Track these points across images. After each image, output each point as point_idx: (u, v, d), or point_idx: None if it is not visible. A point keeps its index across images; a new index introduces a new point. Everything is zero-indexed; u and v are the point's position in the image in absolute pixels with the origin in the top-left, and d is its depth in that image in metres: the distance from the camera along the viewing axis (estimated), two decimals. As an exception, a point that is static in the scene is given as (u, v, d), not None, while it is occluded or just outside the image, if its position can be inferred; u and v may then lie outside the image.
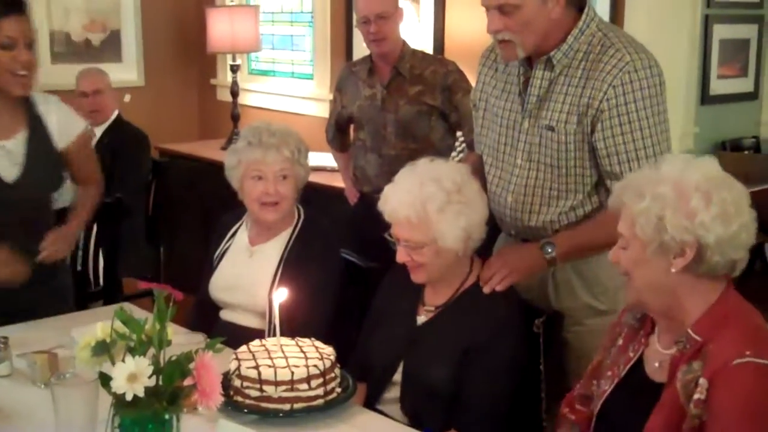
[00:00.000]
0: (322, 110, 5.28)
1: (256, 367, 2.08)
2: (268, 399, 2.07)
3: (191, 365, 1.69)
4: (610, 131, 2.24)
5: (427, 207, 2.20)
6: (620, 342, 1.96)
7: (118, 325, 1.73)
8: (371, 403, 2.35)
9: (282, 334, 2.19)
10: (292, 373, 2.06)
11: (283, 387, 2.06)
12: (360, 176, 3.69)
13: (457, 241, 2.24)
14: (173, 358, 1.69)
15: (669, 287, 1.78)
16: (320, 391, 2.09)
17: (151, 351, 1.69)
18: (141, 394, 1.62)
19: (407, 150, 3.49)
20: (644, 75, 2.23)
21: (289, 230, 2.76)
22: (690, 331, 1.76)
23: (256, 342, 2.21)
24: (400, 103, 3.54)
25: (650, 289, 1.81)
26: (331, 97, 5.36)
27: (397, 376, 2.34)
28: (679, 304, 1.79)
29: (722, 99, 6.18)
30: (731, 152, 6.14)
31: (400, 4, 3.63)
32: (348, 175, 3.87)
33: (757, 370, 1.66)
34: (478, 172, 2.48)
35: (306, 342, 2.21)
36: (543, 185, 2.37)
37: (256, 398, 2.08)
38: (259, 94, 5.92)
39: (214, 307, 2.81)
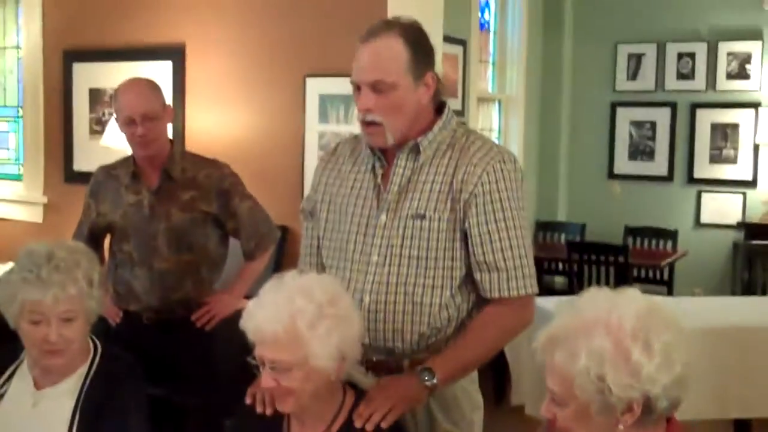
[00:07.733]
0: (35, 215, 4.71)
1: None
2: None
3: None
4: (484, 217, 2.20)
5: (297, 322, 1.94)
6: None
7: None
8: None
9: None
10: None
11: None
12: (124, 293, 3.24)
13: (330, 361, 1.97)
14: None
15: None
16: None
17: None
18: None
19: (182, 262, 3.17)
20: (511, 167, 2.25)
21: (84, 368, 2.33)
22: None
23: None
24: (172, 210, 3.17)
25: None
26: (45, 200, 4.85)
27: None
28: None
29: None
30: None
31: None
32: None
33: None
34: None
35: None
36: (406, 281, 2.22)
37: None
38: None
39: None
